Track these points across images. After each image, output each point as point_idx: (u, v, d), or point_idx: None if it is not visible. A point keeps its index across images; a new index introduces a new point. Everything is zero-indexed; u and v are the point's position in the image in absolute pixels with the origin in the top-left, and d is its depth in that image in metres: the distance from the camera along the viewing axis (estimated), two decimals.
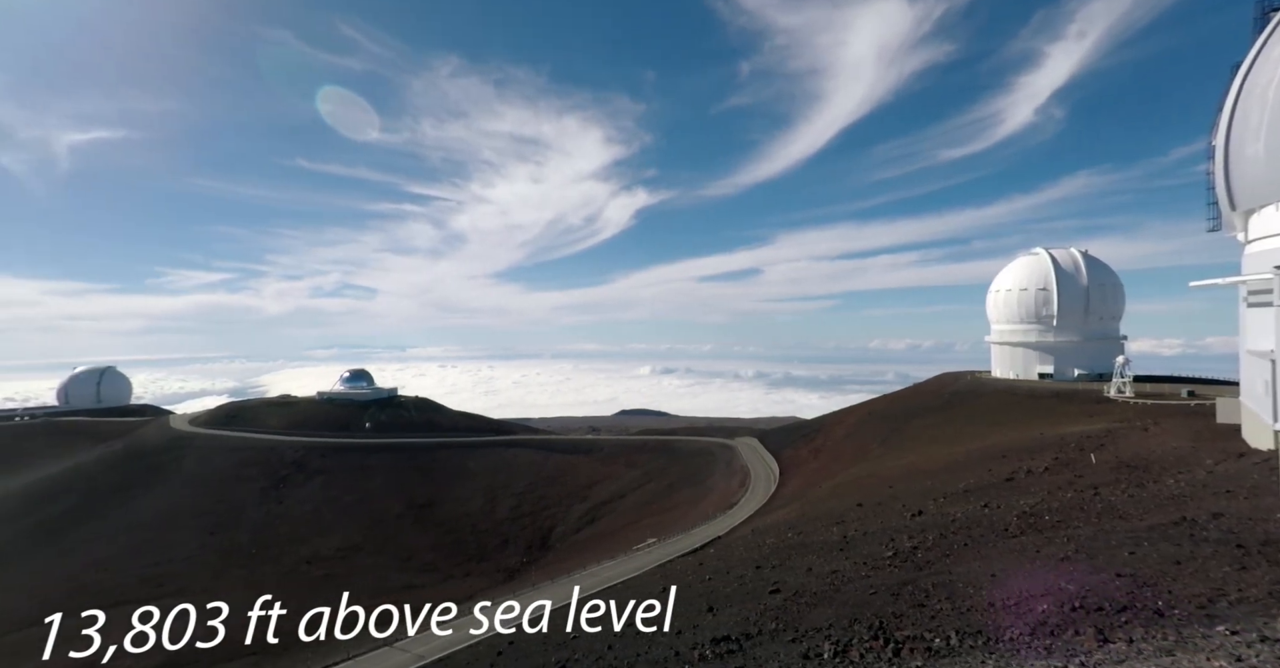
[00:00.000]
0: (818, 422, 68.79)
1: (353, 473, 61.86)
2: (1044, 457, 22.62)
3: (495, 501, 59.83)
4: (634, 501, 58.03)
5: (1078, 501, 13.83)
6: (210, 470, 58.71)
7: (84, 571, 41.69)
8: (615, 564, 28.25)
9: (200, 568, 42.88)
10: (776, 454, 59.75)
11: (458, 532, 54.14)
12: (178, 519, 50.64)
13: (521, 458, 71.23)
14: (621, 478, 64.69)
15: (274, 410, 77.16)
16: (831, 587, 10.14)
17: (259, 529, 50.22)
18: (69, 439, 68.94)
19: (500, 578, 42.63)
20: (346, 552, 48.14)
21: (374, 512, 55.44)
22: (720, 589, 14.41)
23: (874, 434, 48.57)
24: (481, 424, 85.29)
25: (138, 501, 52.99)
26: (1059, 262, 54.50)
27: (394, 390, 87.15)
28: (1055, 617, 6.21)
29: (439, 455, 68.50)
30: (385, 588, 40.46)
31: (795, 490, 41.01)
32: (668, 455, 69.72)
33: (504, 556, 49.37)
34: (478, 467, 67.49)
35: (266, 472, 59.43)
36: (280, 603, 33.60)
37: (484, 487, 62.75)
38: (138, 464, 59.08)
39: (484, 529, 54.56)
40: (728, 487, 51.31)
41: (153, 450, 62.15)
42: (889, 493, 23.40)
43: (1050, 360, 53.84)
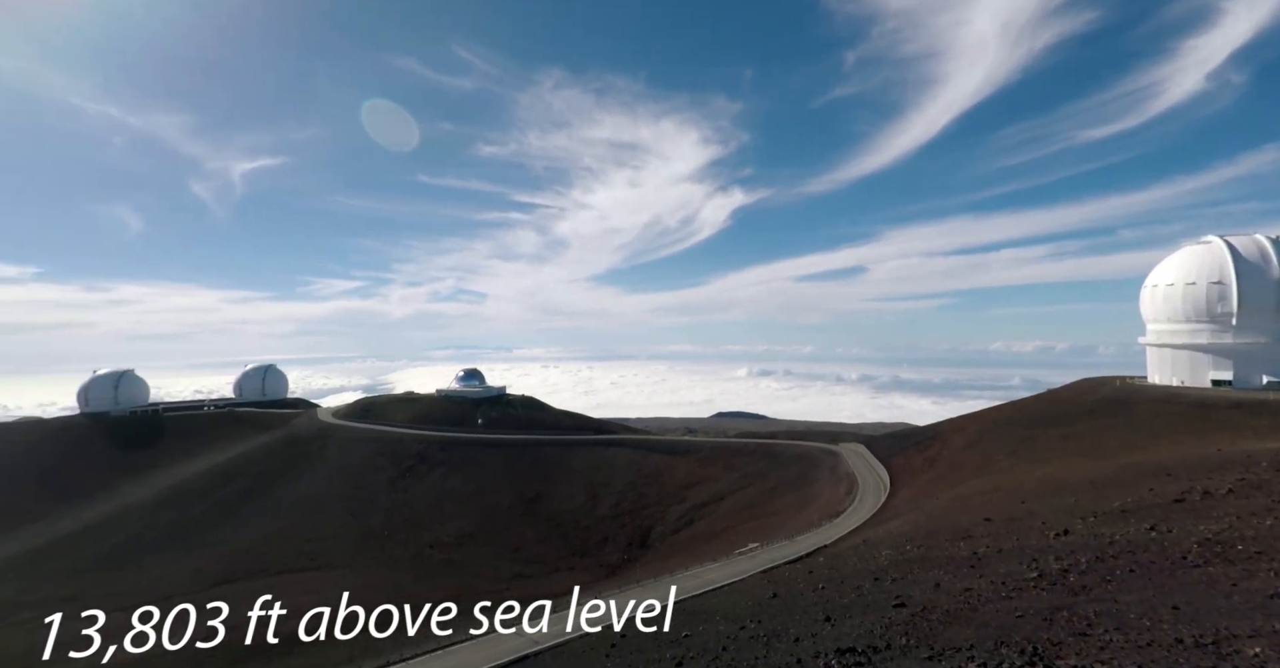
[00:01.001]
0: (932, 429, 63.95)
1: (467, 466, 66.48)
2: (1225, 477, 19.42)
3: (596, 498, 61.60)
4: (733, 504, 57.25)
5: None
6: (349, 459, 65.73)
7: (256, 542, 48.26)
8: (718, 567, 28.03)
9: (343, 546, 48.14)
10: (886, 462, 56.32)
11: (562, 526, 56.39)
12: (325, 501, 57.21)
13: (621, 457, 72.78)
14: (720, 480, 64.07)
15: (400, 406, 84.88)
16: (966, 605, 9.40)
17: (389, 514, 55.46)
18: (242, 427, 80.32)
19: (602, 574, 43.84)
20: (463, 539, 51.83)
21: (486, 503, 59.21)
22: (836, 599, 13.84)
23: (1001, 444, 44.32)
24: (582, 423, 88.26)
25: (294, 483, 60.47)
26: (1240, 250, 46.49)
27: (503, 389, 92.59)
28: (1274, 664, 5.31)
29: (544, 452, 71.77)
30: (498, 576, 43.10)
31: (909, 501, 38.41)
32: (767, 459, 68.05)
33: (605, 552, 50.69)
34: (580, 464, 69.90)
35: (394, 462, 65.48)
36: (411, 583, 36.92)
37: (585, 484, 64.85)
38: (294, 451, 67.45)
39: (586, 525, 56.36)
40: (833, 494, 49.12)
41: (305, 439, 70.66)
42: (1023, 509, 21.26)
43: (1228, 365, 46.06)
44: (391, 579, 39.54)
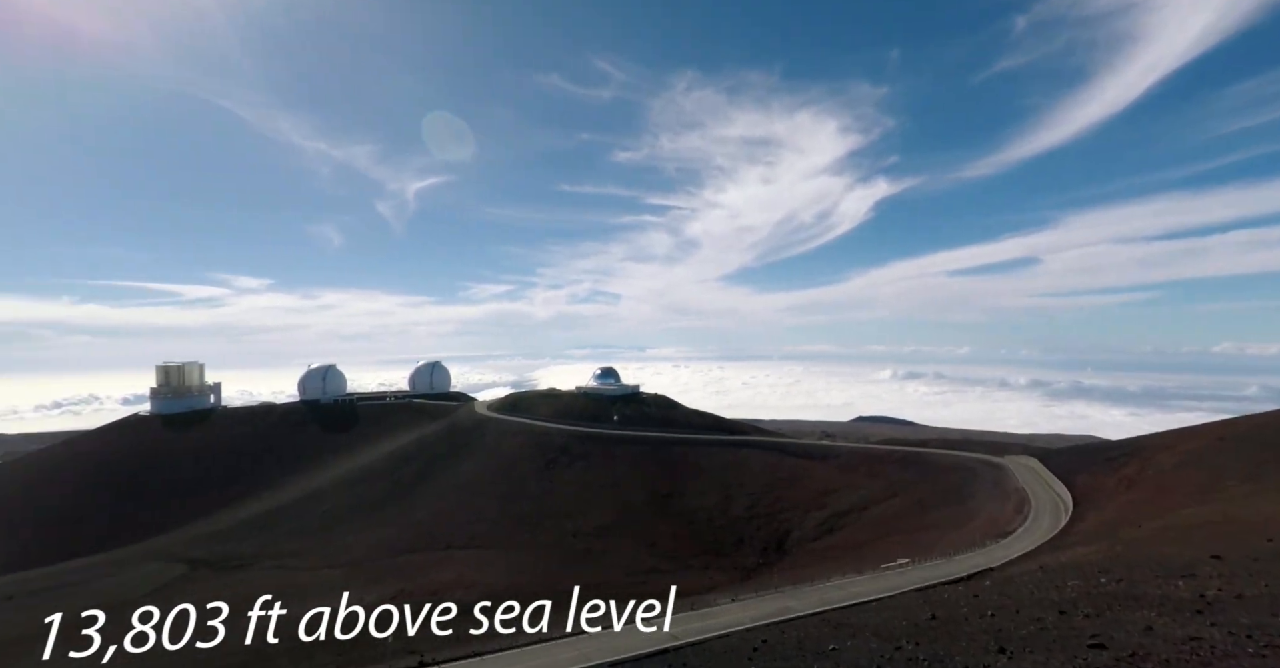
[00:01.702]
0: (1131, 444, 54.26)
1: (605, 460, 69.55)
2: None
3: (730, 498, 61.07)
4: (879, 514, 53.40)
5: None
6: (502, 449, 72.10)
7: (427, 519, 54.83)
8: (864, 580, 26.34)
9: (499, 528, 52.95)
10: (1067, 480, 48.94)
11: (695, 524, 56.73)
12: (482, 487, 63.37)
13: (754, 459, 71.38)
14: (863, 488, 60.12)
15: (544, 401, 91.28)
16: (1195, 658, 7.85)
17: (536, 502, 59.88)
18: (415, 416, 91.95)
19: (738, 575, 43.35)
20: (602, 530, 54.33)
21: (622, 497, 61.47)
22: (1010, 630, 12.33)
23: (1230, 466, 36.31)
24: (714, 423, 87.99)
25: (457, 468, 67.75)
26: None
27: (637, 387, 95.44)
28: None
29: (676, 450, 72.74)
30: (635, 569, 44.57)
31: (1100, 526, 32.91)
32: (917, 469, 62.46)
33: (740, 554, 50.06)
34: (712, 464, 69.79)
35: (540, 453, 70.55)
36: (557, 568, 39.56)
37: (718, 484, 64.58)
38: (456, 439, 75.60)
39: (720, 525, 56.12)
40: (999, 512, 43.74)
41: (465, 429, 78.86)
42: (1269, 548, 17.22)
43: None
44: (540, 564, 42.68)
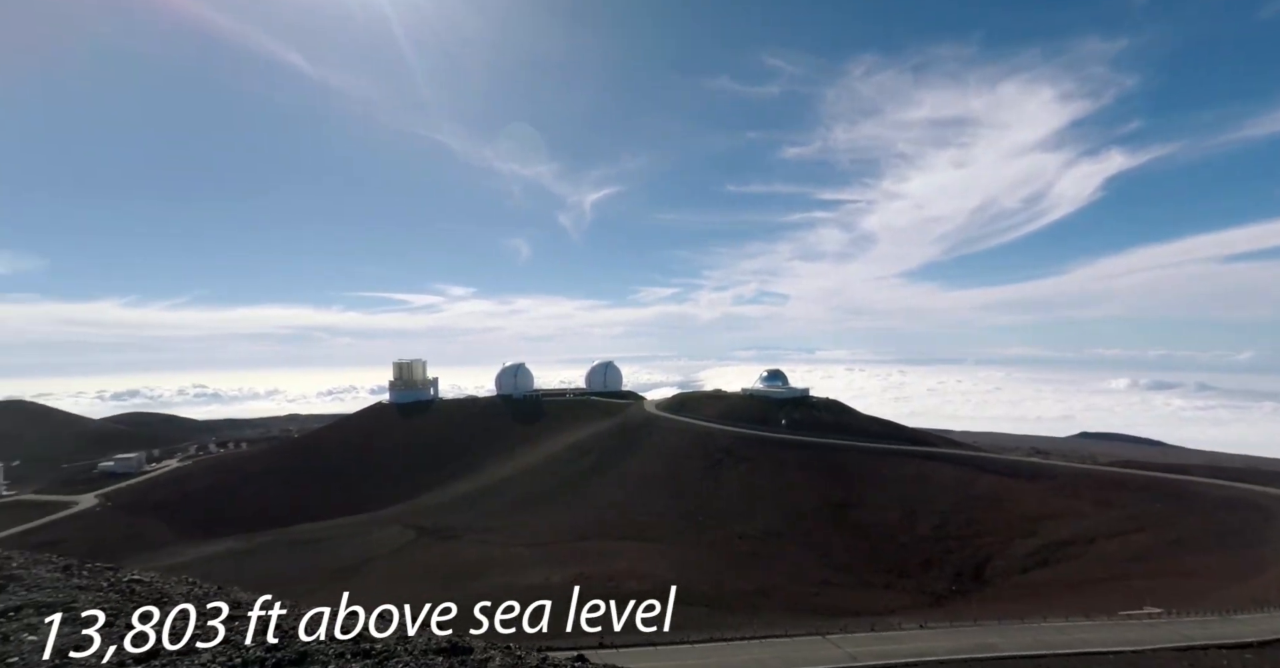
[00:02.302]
0: None
1: (771, 464, 67.72)
2: None
3: (914, 515, 55.38)
4: (1112, 550, 44.17)
5: None
6: (669, 446, 74.22)
7: (602, 509, 58.55)
8: (1095, 627, 21.95)
9: (666, 524, 54.62)
10: None
11: (872, 539, 52.48)
12: (651, 482, 65.89)
13: (943, 473, 63.85)
14: (1089, 518, 50.22)
15: (709, 402, 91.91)
16: None
17: (701, 501, 60.51)
18: (591, 412, 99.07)
19: (925, 600, 39.13)
20: (769, 536, 52.99)
21: (790, 503, 59.26)
22: None
23: None
24: (893, 431, 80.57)
25: (628, 463, 71.33)
26: None
27: (806, 391, 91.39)
28: None
29: (850, 458, 68.07)
30: (805, 578, 42.69)
31: None
32: (1172, 500, 50.39)
33: (928, 577, 45.11)
34: (892, 475, 63.99)
35: (705, 453, 71.14)
36: (723, 568, 39.57)
37: (899, 498, 58.97)
38: (627, 436, 79.67)
39: (904, 543, 51.17)
40: None
41: (635, 427, 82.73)
42: None
43: None
44: (706, 562, 43.06)
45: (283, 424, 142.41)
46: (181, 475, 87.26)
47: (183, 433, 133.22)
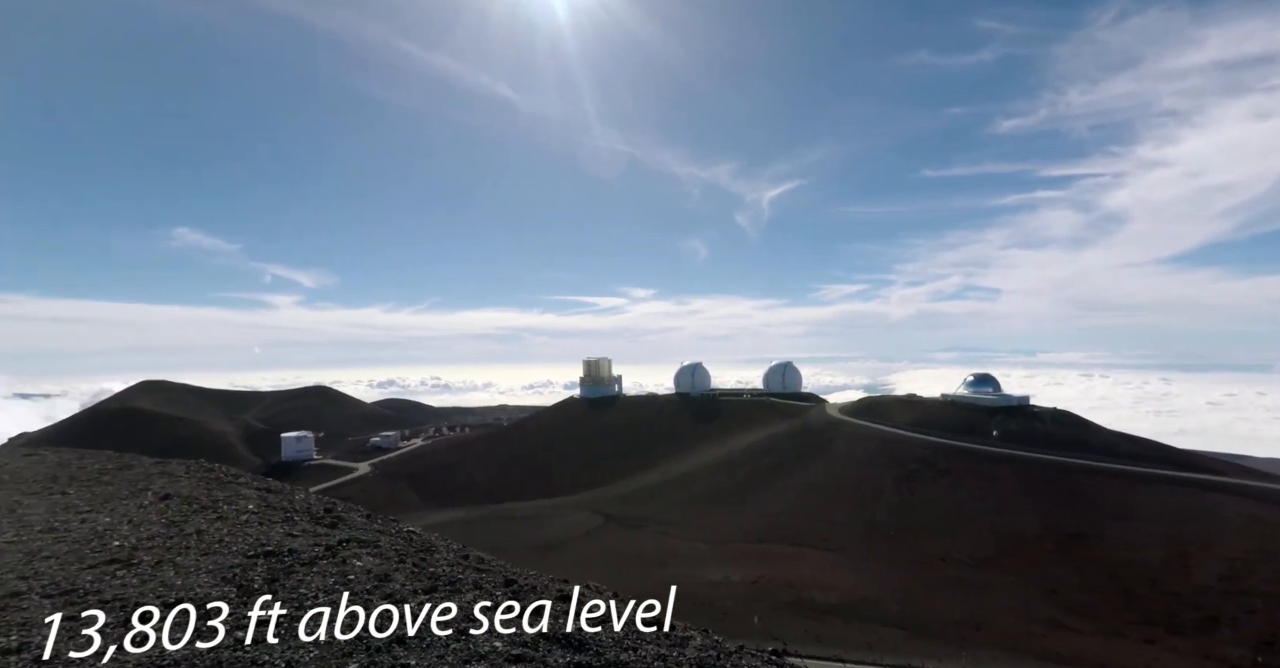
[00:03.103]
0: None
1: (979, 481, 59.36)
2: None
3: (1187, 558, 44.05)
4: None
5: None
6: (854, 453, 69.38)
7: (780, 513, 57.07)
8: None
9: (850, 535, 51.17)
10: None
11: (1124, 581, 42.86)
12: (833, 490, 62.30)
13: (1232, 508, 49.79)
14: None
15: (901, 407, 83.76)
16: None
17: (892, 514, 55.40)
18: (768, 413, 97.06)
19: (1209, 666, 30.90)
20: (977, 561, 46.49)
21: (1004, 527, 51.28)
22: None
23: None
24: (1152, 452, 65.01)
25: (808, 467, 68.43)
26: None
27: (1024, 398, 78.34)
28: None
29: (1088, 481, 56.62)
30: (1027, 616, 36.59)
31: None
32: None
33: (1215, 639, 35.48)
34: (1151, 506, 51.69)
35: (896, 463, 64.99)
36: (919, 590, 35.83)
37: (1164, 535, 47.29)
38: (808, 439, 76.47)
39: (1173, 592, 41.01)
40: None
41: (816, 430, 79.04)
42: None
43: None
44: (899, 581, 39.39)
45: (495, 413, 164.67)
46: (424, 452, 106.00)
47: (424, 417, 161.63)
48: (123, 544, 5.34)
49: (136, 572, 4.63)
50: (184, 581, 4.43)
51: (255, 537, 5.64)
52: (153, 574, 4.57)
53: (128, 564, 4.81)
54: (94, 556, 5.04)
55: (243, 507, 6.88)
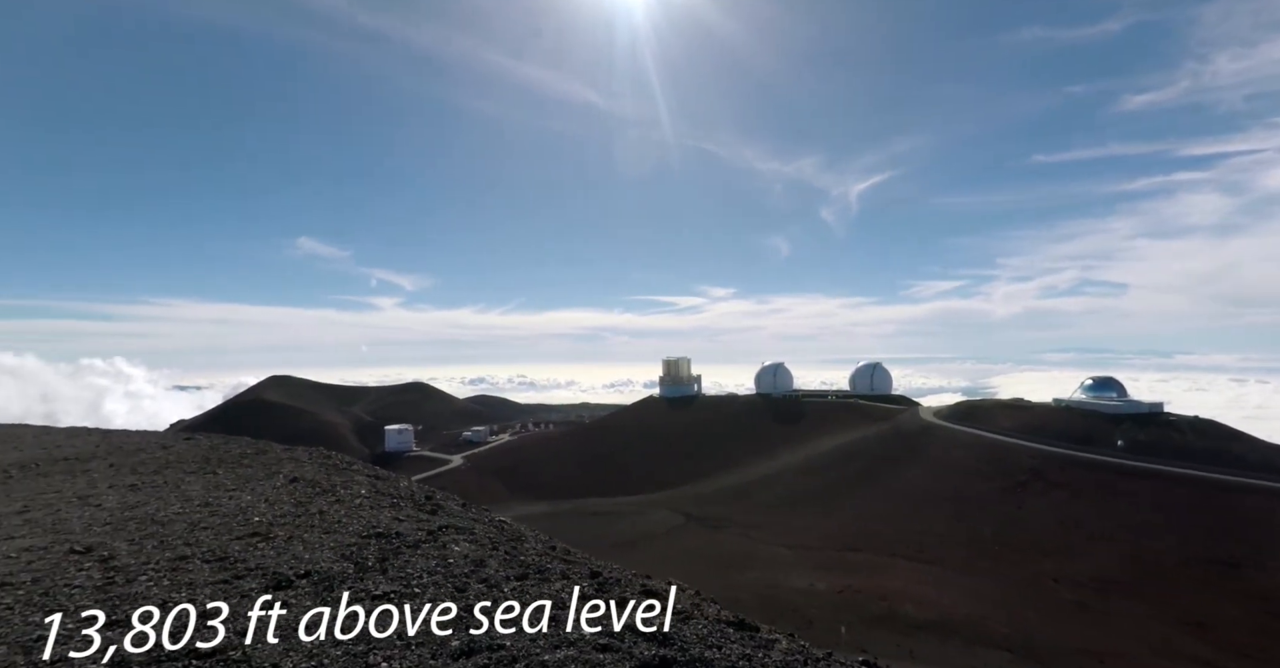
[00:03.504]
0: None
1: (1103, 495, 53.50)
2: None
3: None
4: None
5: None
6: (952, 460, 64.80)
7: (870, 519, 54.43)
8: None
9: (949, 548, 47.80)
10: None
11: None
12: (928, 498, 58.52)
13: None
14: None
15: (1006, 412, 77.17)
16: None
17: (1000, 528, 51.16)
18: (855, 416, 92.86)
19: None
20: (1101, 585, 41.89)
21: (1136, 550, 45.84)
22: None
23: None
24: None
25: (900, 473, 64.77)
26: None
27: (1156, 405, 69.68)
28: None
29: (1243, 501, 49.42)
30: (1162, 648, 32.49)
31: None
32: None
33: None
34: None
35: (1001, 472, 59.97)
36: (1033, 613, 32.88)
37: None
38: (899, 444, 72.39)
39: None
40: None
41: (909, 434, 74.63)
42: None
43: None
44: (1006, 601, 36.32)
45: (577, 411, 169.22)
46: (511, 447, 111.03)
47: (511, 413, 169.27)
48: (261, 520, 6.05)
49: (273, 545, 5.24)
50: (311, 555, 4.96)
51: (367, 519, 6.19)
52: (285, 548, 5.15)
53: (266, 537, 5.46)
54: (239, 528, 5.76)
55: (356, 492, 7.57)
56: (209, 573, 4.53)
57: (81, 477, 8.56)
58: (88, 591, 4.25)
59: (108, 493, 7.48)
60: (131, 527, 5.90)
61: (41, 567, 4.78)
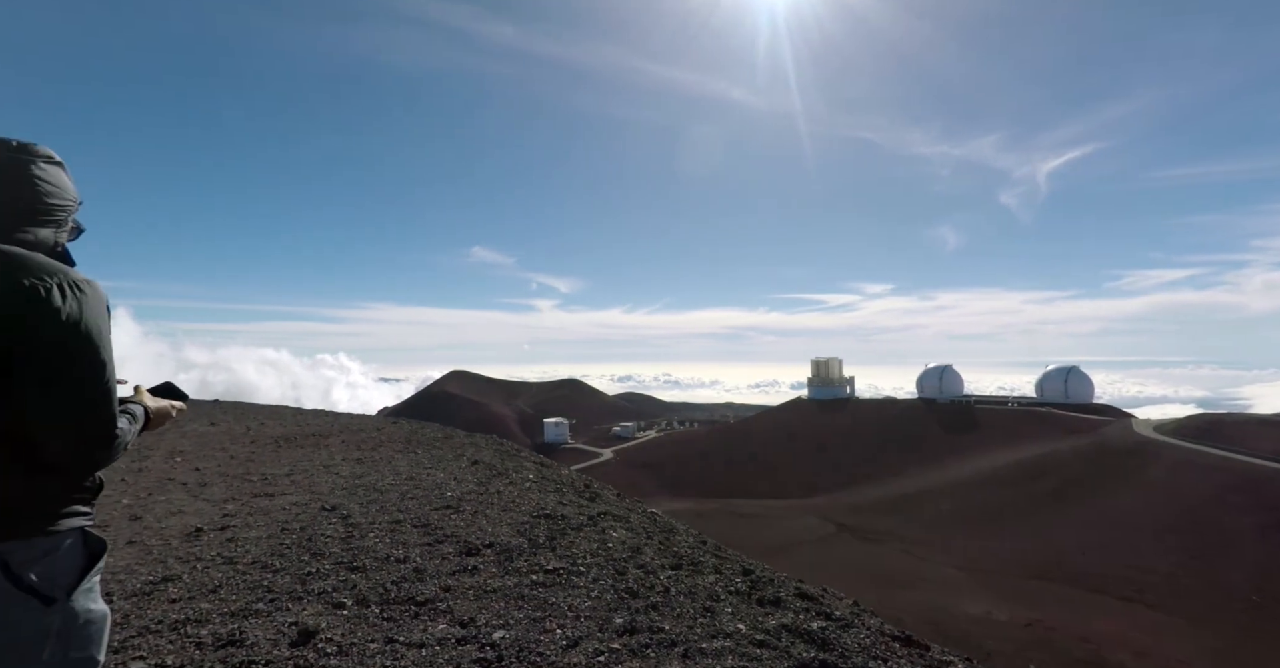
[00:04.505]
0: None
1: None
2: None
3: None
4: None
5: None
6: (1181, 487, 53.04)
7: (1064, 548, 46.71)
8: None
9: (1179, 591, 39.18)
10: None
11: None
12: (1146, 529, 48.53)
13: None
14: None
15: (1260, 430, 61.18)
16: None
17: (1256, 573, 40.73)
18: (1044, 427, 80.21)
19: None
20: None
21: None
22: None
23: None
24: None
25: (1107, 497, 54.66)
26: None
27: None
28: None
29: None
30: None
31: None
32: None
33: None
34: None
35: (1260, 505, 47.63)
36: None
37: None
38: (1105, 462, 61.15)
39: None
40: None
41: (1118, 451, 62.70)
42: None
43: None
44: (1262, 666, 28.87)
45: (721, 411, 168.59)
46: (659, 443, 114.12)
47: (656, 410, 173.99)
48: (452, 495, 7.02)
49: (462, 517, 6.06)
50: (492, 528, 5.66)
51: (536, 501, 6.86)
52: (472, 520, 5.93)
53: (456, 510, 6.33)
54: (436, 501, 6.74)
55: (525, 476, 8.41)
56: (417, 536, 5.40)
57: (323, 450, 10.64)
58: (335, 540, 5.32)
59: (341, 464, 9.21)
60: (360, 492, 7.22)
61: (304, 518, 6.09)
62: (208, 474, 8.36)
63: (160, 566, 4.70)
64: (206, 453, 10.06)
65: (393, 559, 4.79)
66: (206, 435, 11.85)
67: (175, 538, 5.46)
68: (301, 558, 4.85)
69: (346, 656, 3.21)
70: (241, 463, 9.24)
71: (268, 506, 6.67)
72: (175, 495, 7.14)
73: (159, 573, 4.51)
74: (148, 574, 4.49)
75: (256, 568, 4.60)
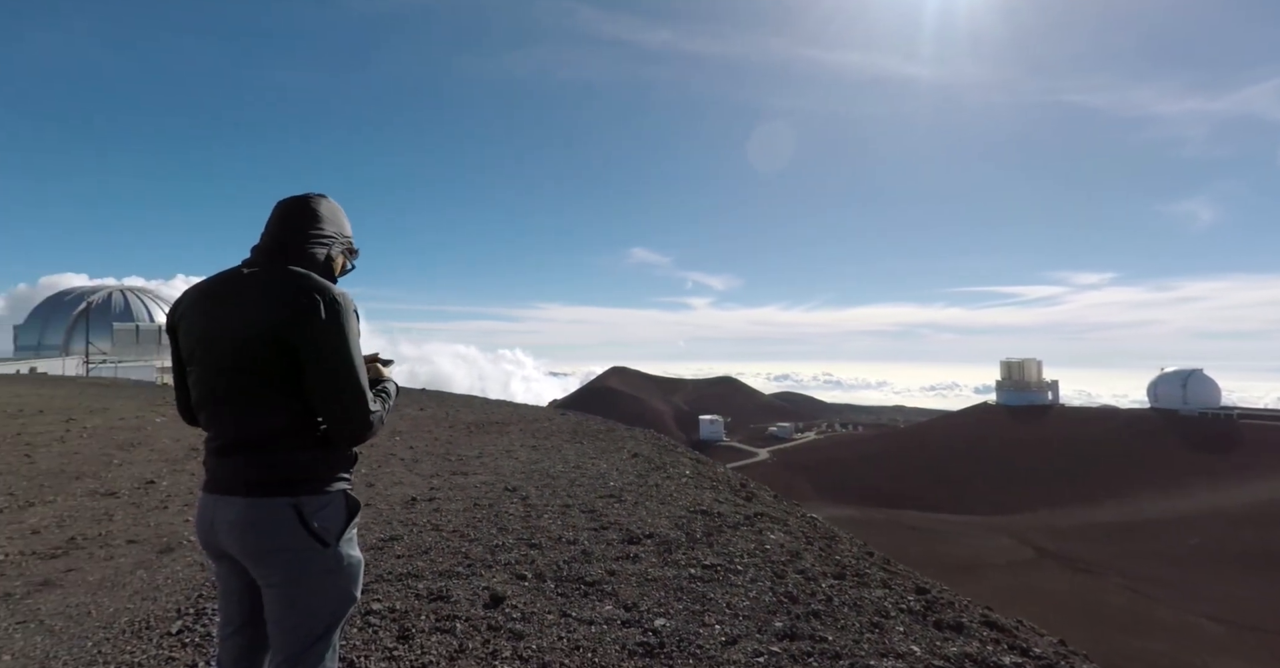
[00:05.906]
0: None
1: None
2: None
3: None
4: None
5: None
6: None
7: None
8: None
9: None
10: None
11: None
12: None
13: None
14: None
15: None
16: None
17: None
18: None
19: None
20: None
21: None
22: None
23: None
24: None
25: None
26: None
27: None
28: None
29: None
30: None
31: None
32: None
33: None
34: None
35: None
36: None
37: None
38: None
39: None
40: None
41: None
42: None
43: None
44: None
45: (890, 414, 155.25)
46: (818, 446, 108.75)
47: (815, 411, 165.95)
48: (615, 485, 7.45)
49: (624, 506, 6.40)
50: (652, 519, 5.89)
51: (692, 497, 6.98)
52: (633, 511, 6.23)
53: (619, 499, 6.70)
54: (600, 489, 7.21)
55: (681, 472, 8.60)
56: (584, 521, 5.84)
57: (504, 437, 11.97)
58: (516, 518, 5.97)
59: (520, 450, 10.28)
60: (536, 477, 8.00)
61: (492, 496, 6.93)
62: (419, 452, 9.92)
63: (388, 526, 5.71)
64: (417, 434, 11.92)
65: (564, 540, 5.24)
66: (417, 419, 14.04)
67: (397, 505, 6.58)
68: (490, 532, 5.53)
69: (529, 622, 3.61)
70: (443, 444, 10.79)
71: (463, 483, 7.71)
72: (395, 469, 8.60)
73: (387, 533, 5.48)
74: (380, 533, 5.49)
75: (456, 537, 5.36)
